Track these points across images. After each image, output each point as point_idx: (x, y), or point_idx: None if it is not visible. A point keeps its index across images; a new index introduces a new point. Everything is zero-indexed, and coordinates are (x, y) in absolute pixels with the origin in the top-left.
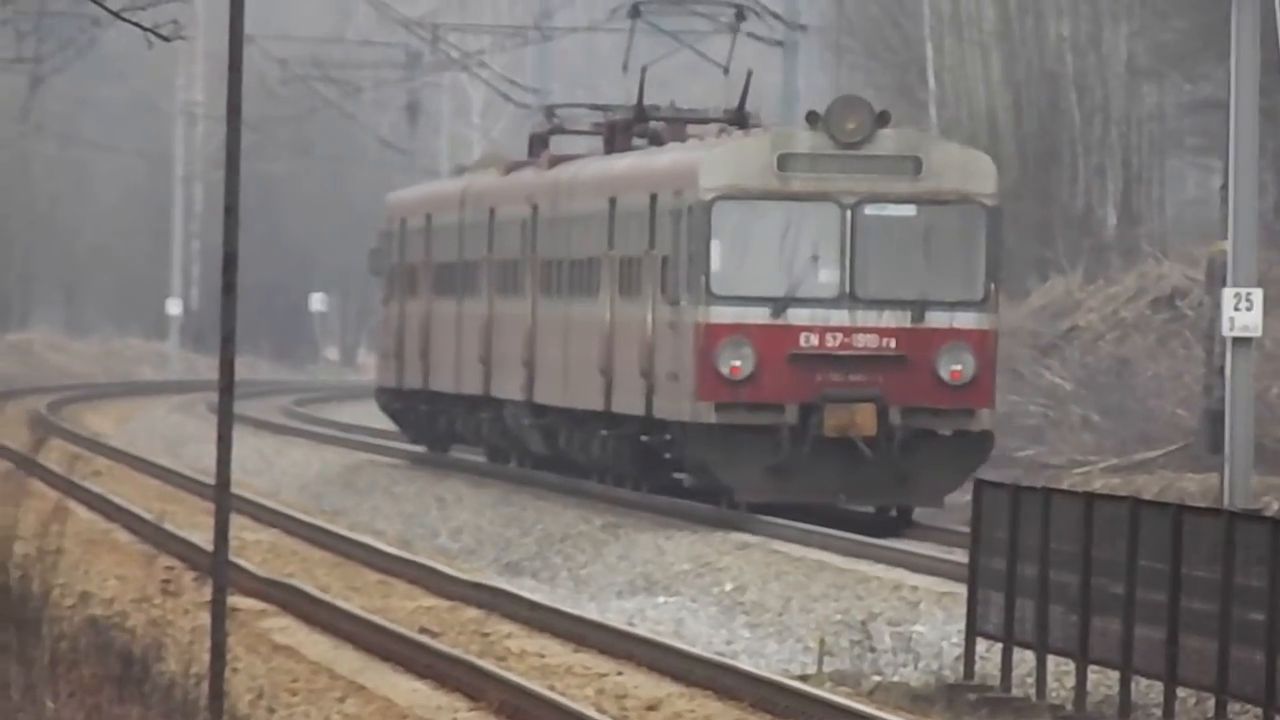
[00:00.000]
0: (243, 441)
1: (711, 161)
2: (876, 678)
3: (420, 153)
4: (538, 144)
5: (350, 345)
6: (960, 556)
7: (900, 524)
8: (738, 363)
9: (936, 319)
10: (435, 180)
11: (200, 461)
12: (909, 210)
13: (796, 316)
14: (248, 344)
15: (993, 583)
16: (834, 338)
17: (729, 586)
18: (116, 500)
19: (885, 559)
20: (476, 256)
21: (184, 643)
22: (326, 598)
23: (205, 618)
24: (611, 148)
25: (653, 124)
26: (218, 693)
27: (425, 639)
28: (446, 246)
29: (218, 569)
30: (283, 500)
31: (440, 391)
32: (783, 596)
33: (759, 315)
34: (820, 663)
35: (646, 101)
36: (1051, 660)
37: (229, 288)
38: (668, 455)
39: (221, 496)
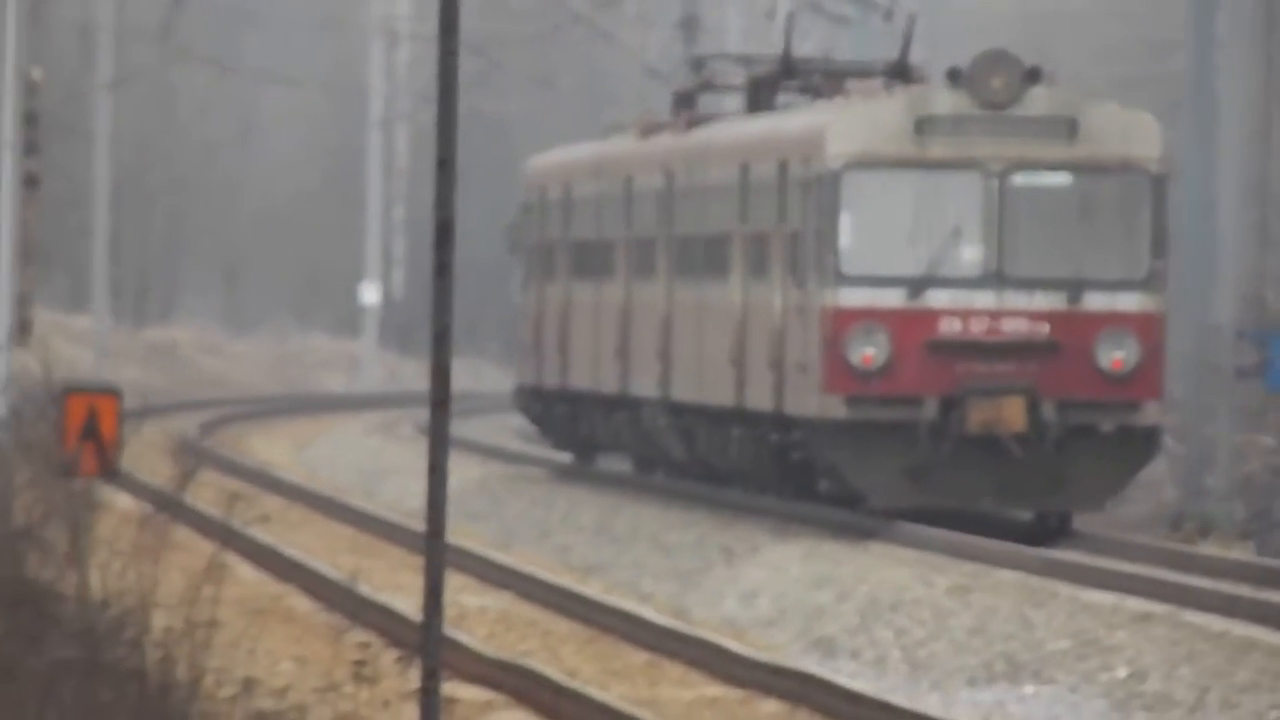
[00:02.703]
0: (463, 474)
1: (839, 126)
2: None
3: None
4: (682, 102)
5: None
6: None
7: (1057, 532)
8: (870, 351)
9: (1095, 301)
10: (577, 144)
11: (405, 501)
12: (1063, 179)
13: (936, 299)
14: (469, 343)
15: None
16: (979, 323)
17: (1123, 673)
18: (291, 554)
19: None
20: (612, 233)
21: None
22: (575, 685)
23: (413, 712)
24: (755, 106)
25: (806, 78)
26: None
27: None
28: (583, 221)
29: (429, 646)
30: (516, 553)
31: (579, 390)
32: (1197, 686)
33: (894, 298)
34: None
35: (805, 52)
36: None
37: (443, 268)
38: (796, 456)
39: (434, 549)
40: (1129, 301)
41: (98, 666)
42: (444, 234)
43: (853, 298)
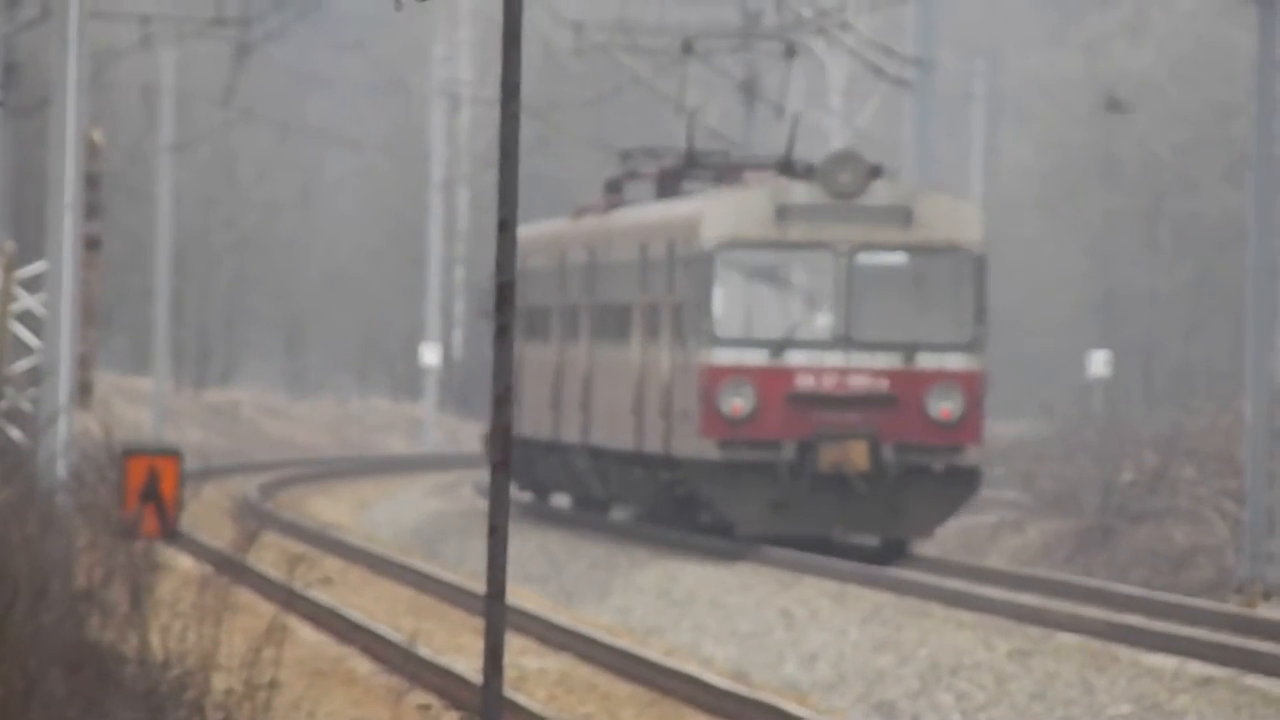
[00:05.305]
0: (523, 537)
1: (713, 213)
2: None
3: (759, 147)
4: (611, 188)
5: None
6: None
7: (895, 554)
8: (738, 402)
9: (926, 360)
10: (533, 224)
11: (466, 562)
12: (900, 258)
13: (794, 358)
14: None
15: None
16: (830, 379)
17: None
18: (352, 616)
19: None
20: (550, 301)
21: None
22: None
23: None
24: (664, 193)
25: (710, 168)
26: None
27: None
28: (532, 290)
29: (489, 708)
30: (577, 616)
31: (527, 437)
32: None
33: (759, 357)
34: None
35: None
36: None
37: (504, 330)
38: (681, 491)
39: (494, 610)
40: (955, 361)
41: None
42: (504, 296)
43: (724, 357)
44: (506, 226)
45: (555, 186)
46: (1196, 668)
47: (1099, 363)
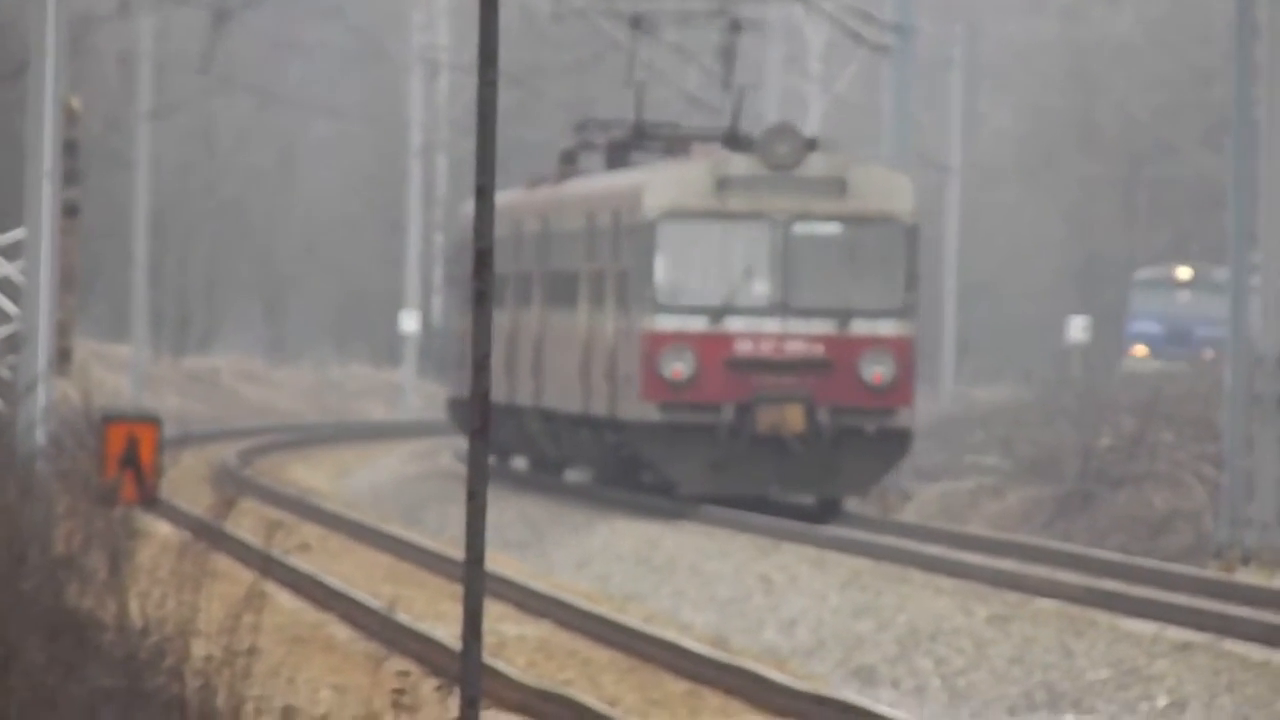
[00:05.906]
0: (502, 504)
1: (655, 184)
2: None
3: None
4: (566, 159)
5: None
6: None
7: (831, 513)
8: (679, 366)
9: (860, 326)
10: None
11: (446, 529)
12: (835, 228)
13: (733, 324)
14: None
15: None
16: (767, 344)
17: (1163, 702)
18: (331, 583)
19: None
20: (507, 269)
21: None
22: (615, 714)
23: None
24: (613, 164)
25: (656, 141)
26: None
27: None
28: None
29: (468, 675)
30: (555, 582)
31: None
32: (1238, 716)
33: (699, 324)
34: None
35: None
36: None
37: (482, 296)
38: (625, 452)
39: (473, 577)
40: (887, 327)
41: (138, 695)
42: (483, 262)
43: (666, 323)
44: (485, 193)
45: (534, 153)
46: (1175, 633)
47: (1078, 328)
